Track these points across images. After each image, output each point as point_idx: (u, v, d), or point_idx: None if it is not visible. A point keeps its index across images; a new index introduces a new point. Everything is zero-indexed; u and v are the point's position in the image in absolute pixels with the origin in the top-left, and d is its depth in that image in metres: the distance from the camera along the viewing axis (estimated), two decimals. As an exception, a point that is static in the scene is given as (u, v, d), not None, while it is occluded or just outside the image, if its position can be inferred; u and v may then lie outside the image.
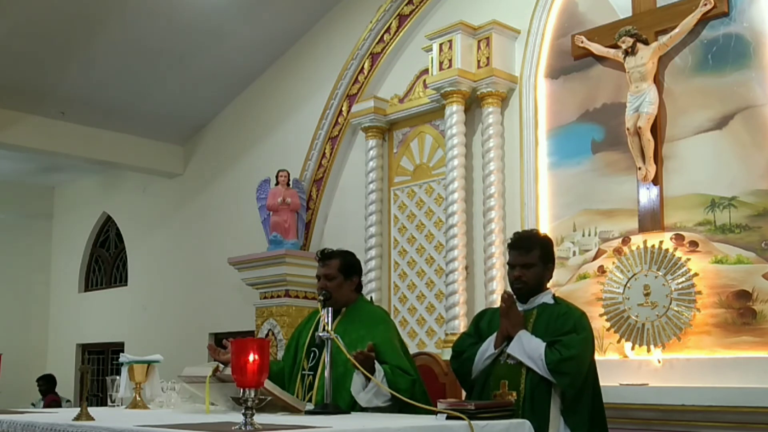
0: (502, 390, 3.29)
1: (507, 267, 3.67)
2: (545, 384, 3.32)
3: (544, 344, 3.32)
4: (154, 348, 5.00)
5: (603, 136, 6.25)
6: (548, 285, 3.67)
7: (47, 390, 10.38)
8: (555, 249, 6.33)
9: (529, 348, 3.31)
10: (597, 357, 6.01)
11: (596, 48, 6.25)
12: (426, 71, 7.16)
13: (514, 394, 3.28)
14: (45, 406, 9.80)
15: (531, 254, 3.52)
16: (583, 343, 3.38)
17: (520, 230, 3.88)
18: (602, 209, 6.19)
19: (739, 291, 5.40)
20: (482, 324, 3.65)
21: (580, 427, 3.35)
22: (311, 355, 3.74)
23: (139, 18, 8.19)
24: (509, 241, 3.66)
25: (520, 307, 3.53)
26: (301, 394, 3.68)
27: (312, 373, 3.66)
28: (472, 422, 2.67)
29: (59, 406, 9.87)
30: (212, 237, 9.69)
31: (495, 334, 3.46)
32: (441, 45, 6.88)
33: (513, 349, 3.35)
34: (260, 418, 2.48)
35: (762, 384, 5.02)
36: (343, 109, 8.14)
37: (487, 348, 3.46)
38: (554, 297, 3.60)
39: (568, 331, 3.36)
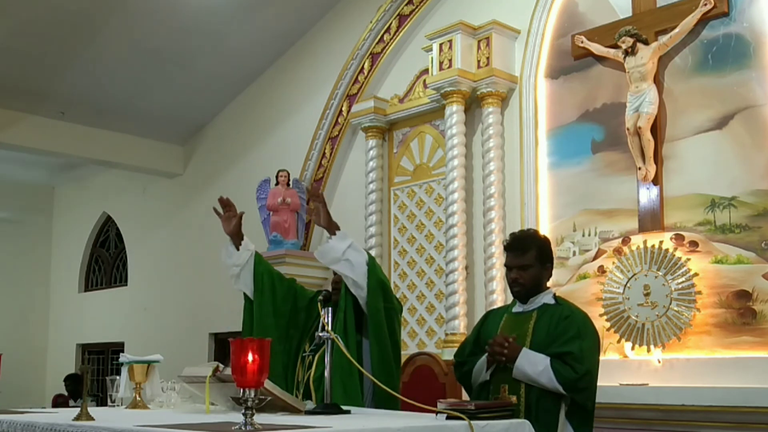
0: (501, 394, 3.27)
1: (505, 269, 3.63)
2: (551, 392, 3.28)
3: (548, 362, 3.24)
4: (154, 348, 5.00)
5: (603, 136, 6.25)
6: (548, 285, 3.63)
7: (74, 390, 10.37)
8: (555, 249, 6.36)
9: (534, 372, 3.25)
10: (597, 357, 6.01)
11: (596, 48, 6.25)
12: (426, 71, 7.16)
13: (515, 398, 3.26)
14: (53, 405, 9.82)
15: (527, 255, 3.44)
16: (592, 352, 3.32)
17: (516, 231, 3.81)
18: (602, 209, 6.19)
19: (739, 291, 5.41)
20: (483, 330, 3.62)
21: (585, 424, 3.34)
22: (314, 339, 3.75)
23: (139, 18, 8.19)
24: (505, 242, 3.61)
25: (519, 308, 3.52)
26: (302, 374, 3.69)
27: (312, 354, 3.67)
28: (472, 422, 2.66)
29: (66, 404, 9.88)
30: (212, 237, 9.63)
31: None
32: (441, 45, 6.88)
33: (517, 375, 3.30)
34: (260, 418, 2.48)
35: (762, 384, 5.02)
36: (343, 109, 8.15)
37: (482, 368, 3.44)
38: (555, 297, 3.55)
39: (572, 337, 3.29)
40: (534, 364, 3.25)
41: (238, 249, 3.77)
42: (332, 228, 3.51)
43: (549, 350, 3.29)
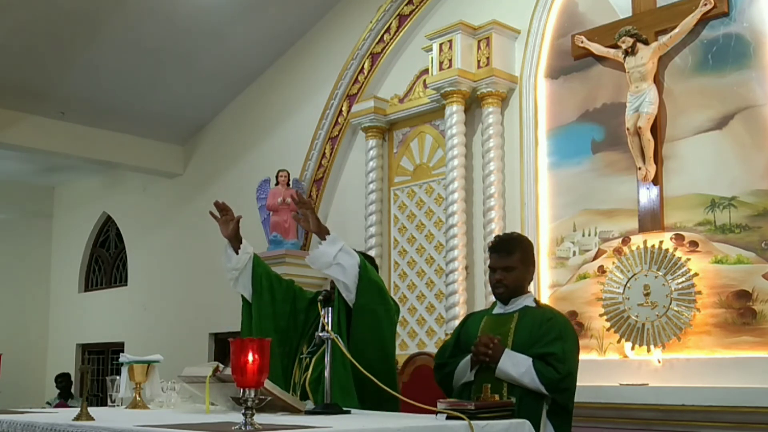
0: (484, 393, 3.29)
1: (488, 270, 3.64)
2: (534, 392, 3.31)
3: (530, 363, 3.28)
4: (154, 348, 5.00)
5: (603, 136, 6.25)
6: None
7: (66, 387, 10.42)
8: (555, 249, 6.37)
9: (517, 373, 3.29)
10: (597, 357, 6.04)
11: (596, 48, 6.25)
12: (426, 71, 7.16)
13: (497, 397, 3.28)
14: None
15: (512, 257, 3.48)
16: (573, 354, 3.37)
17: (500, 234, 3.82)
18: (602, 209, 6.19)
19: (739, 291, 5.41)
20: (463, 332, 3.64)
21: (565, 424, 3.36)
22: (312, 341, 3.74)
23: (139, 18, 8.19)
24: (489, 244, 3.63)
25: (500, 310, 3.54)
26: (298, 376, 3.68)
27: (310, 356, 3.67)
28: (472, 422, 2.66)
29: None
30: (212, 237, 9.61)
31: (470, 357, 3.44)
32: (441, 45, 6.88)
33: (500, 376, 3.33)
34: (260, 418, 2.48)
35: (762, 384, 5.02)
36: (343, 109, 8.14)
37: (466, 368, 3.46)
38: (535, 301, 3.60)
39: (554, 338, 3.33)
40: (517, 365, 3.30)
41: (236, 253, 3.76)
42: (322, 233, 3.49)
43: (531, 351, 3.33)
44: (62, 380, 10.57)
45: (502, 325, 3.48)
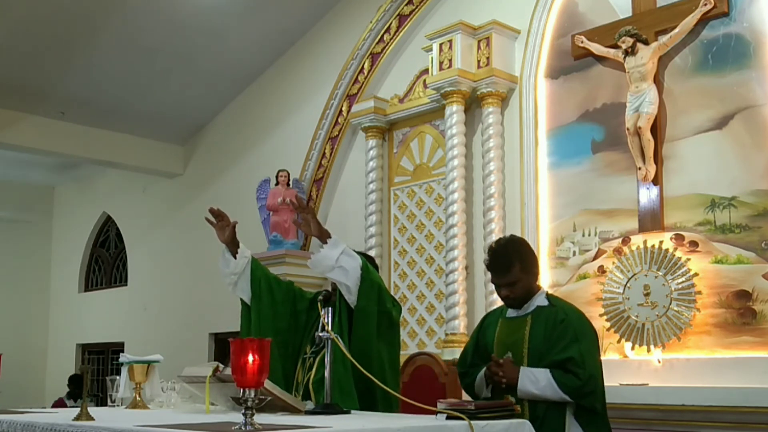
0: (505, 400, 3.28)
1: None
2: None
3: (548, 375, 3.24)
4: (154, 348, 5.00)
5: (603, 136, 6.25)
6: (546, 285, 3.62)
7: (74, 391, 10.41)
8: (555, 249, 6.37)
9: (537, 389, 3.26)
10: (597, 357, 6.00)
11: (596, 48, 6.25)
12: (426, 71, 7.16)
13: (518, 407, 3.26)
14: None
15: (511, 273, 3.39)
16: (592, 353, 3.32)
17: (492, 244, 3.67)
18: (602, 209, 6.19)
19: (739, 291, 5.40)
20: (481, 336, 3.62)
21: (593, 424, 3.34)
22: (315, 341, 3.74)
23: (139, 18, 8.19)
24: (485, 261, 3.53)
25: (513, 312, 3.51)
26: (301, 377, 3.68)
27: (313, 356, 3.67)
28: (472, 422, 2.66)
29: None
30: (212, 237, 9.54)
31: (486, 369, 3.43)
32: (441, 45, 6.88)
33: (522, 396, 3.29)
34: (260, 418, 2.48)
35: (762, 384, 5.02)
36: (343, 109, 8.15)
37: (482, 384, 3.45)
38: (548, 297, 3.52)
39: (570, 341, 3.28)
40: (536, 381, 3.27)
41: (234, 257, 3.76)
42: (324, 236, 3.49)
43: (548, 358, 3.29)
44: (75, 381, 10.57)
45: (516, 330, 3.44)
